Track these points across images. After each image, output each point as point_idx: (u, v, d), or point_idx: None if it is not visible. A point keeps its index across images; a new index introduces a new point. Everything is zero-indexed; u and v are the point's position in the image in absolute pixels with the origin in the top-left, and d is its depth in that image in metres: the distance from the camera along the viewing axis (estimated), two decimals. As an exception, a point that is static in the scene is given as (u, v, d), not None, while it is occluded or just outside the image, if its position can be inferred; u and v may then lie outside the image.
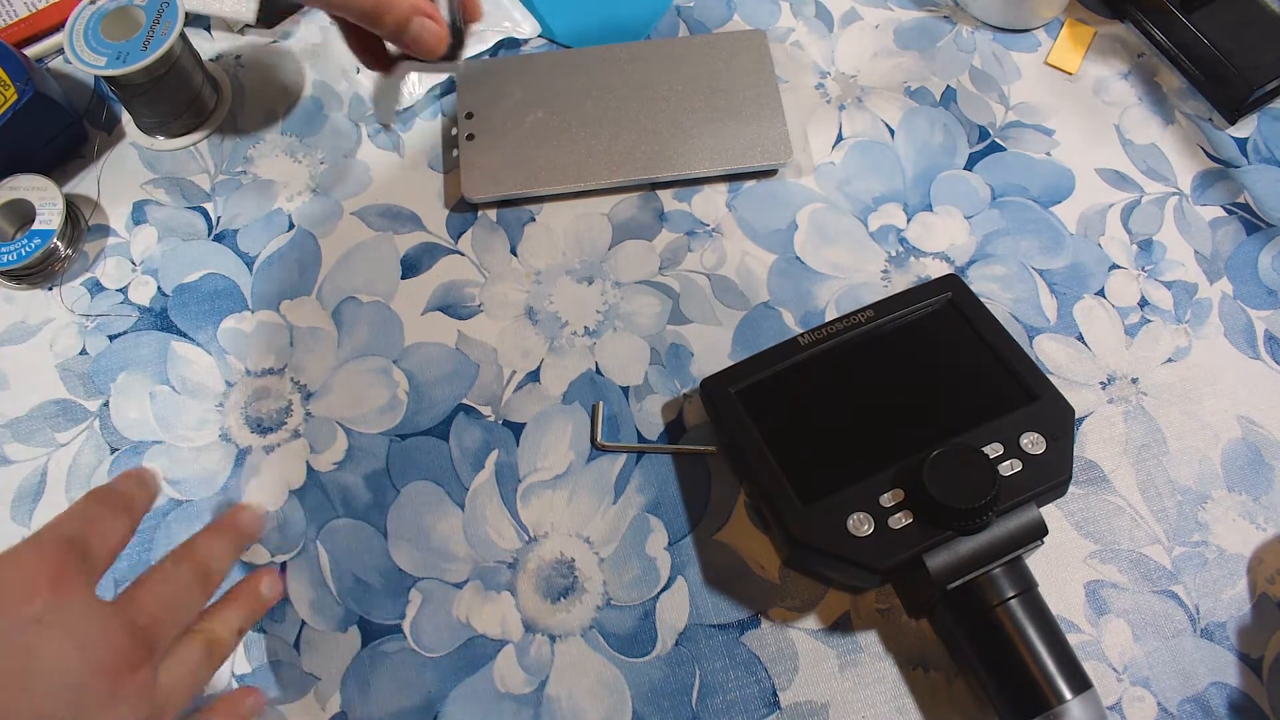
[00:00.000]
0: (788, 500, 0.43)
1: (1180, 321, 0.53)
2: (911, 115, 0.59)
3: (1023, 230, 0.55)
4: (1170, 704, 0.44)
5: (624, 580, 0.46)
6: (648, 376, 0.51)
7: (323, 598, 0.46)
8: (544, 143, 0.56)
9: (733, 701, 0.44)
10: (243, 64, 0.61)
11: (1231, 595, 0.46)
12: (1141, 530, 0.47)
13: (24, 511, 0.49)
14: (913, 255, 0.55)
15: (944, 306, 0.48)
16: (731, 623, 0.46)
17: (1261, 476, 0.49)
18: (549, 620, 0.46)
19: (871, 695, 0.44)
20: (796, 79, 0.60)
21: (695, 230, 0.55)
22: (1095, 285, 0.54)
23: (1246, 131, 0.59)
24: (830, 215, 0.56)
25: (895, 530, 0.41)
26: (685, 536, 0.47)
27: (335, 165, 0.57)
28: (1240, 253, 0.55)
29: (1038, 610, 0.41)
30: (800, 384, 0.46)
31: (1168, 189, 0.57)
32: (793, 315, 0.53)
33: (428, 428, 0.50)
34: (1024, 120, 0.59)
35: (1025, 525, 0.41)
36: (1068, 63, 0.61)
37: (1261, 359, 0.52)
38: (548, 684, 0.44)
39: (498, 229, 0.55)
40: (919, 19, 0.63)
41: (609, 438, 0.50)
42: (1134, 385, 0.51)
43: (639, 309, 0.53)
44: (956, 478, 0.40)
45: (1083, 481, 0.48)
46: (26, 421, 0.51)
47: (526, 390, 0.51)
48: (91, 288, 0.54)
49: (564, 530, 0.48)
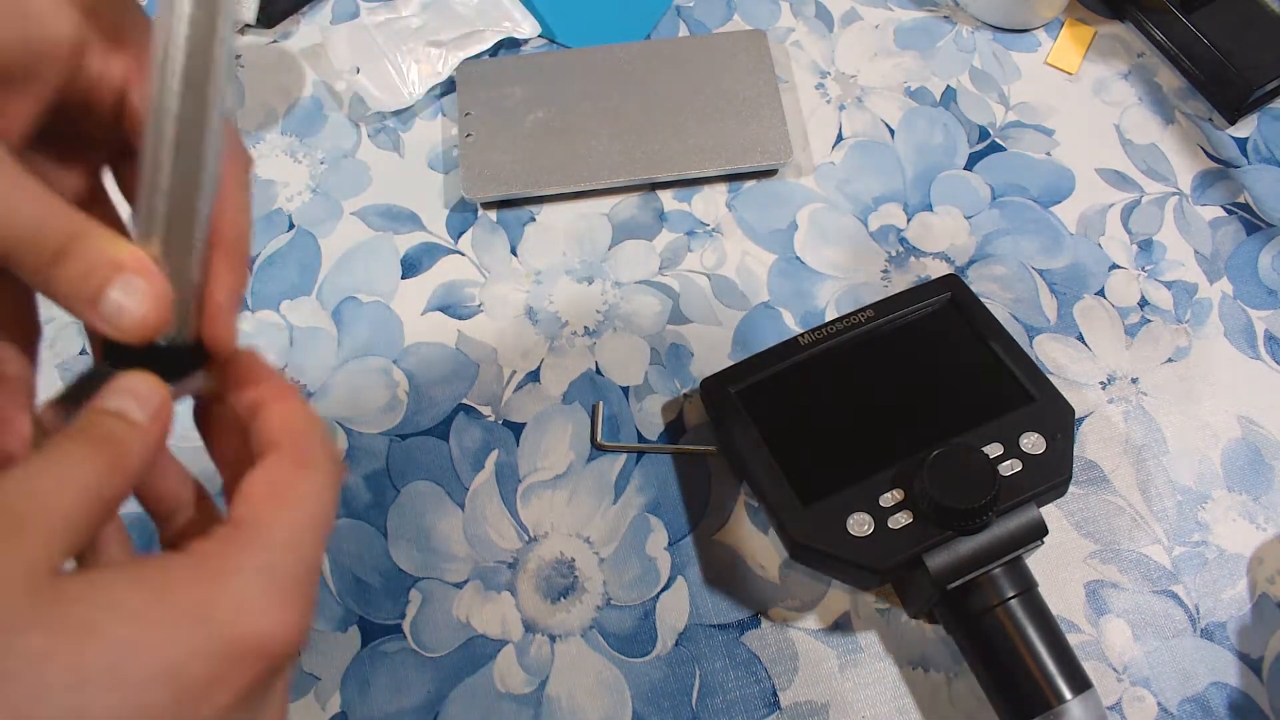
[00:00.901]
0: (788, 500, 0.42)
1: (1180, 321, 0.53)
2: (911, 115, 0.59)
3: (1023, 230, 0.55)
4: (1170, 704, 0.44)
5: (624, 580, 0.46)
6: (648, 376, 0.51)
7: (323, 597, 0.46)
8: (544, 143, 0.56)
9: (733, 701, 0.44)
10: (243, 64, 0.61)
11: (1231, 595, 0.46)
12: (1141, 530, 0.47)
13: (24, 511, 0.48)
14: (913, 255, 0.55)
15: (944, 306, 0.48)
16: (731, 623, 0.46)
17: (1261, 476, 0.49)
18: (549, 620, 0.46)
19: (871, 695, 0.44)
20: (796, 79, 0.60)
21: (695, 230, 0.55)
22: (1095, 285, 0.54)
23: (1246, 131, 0.59)
24: (830, 215, 0.56)
25: (895, 530, 0.41)
26: (685, 536, 0.47)
27: (335, 165, 0.57)
28: (1240, 253, 0.55)
29: (1038, 610, 0.40)
30: (800, 384, 0.46)
31: (1168, 189, 0.57)
32: (793, 315, 0.53)
33: (428, 428, 0.50)
34: (1024, 120, 0.59)
35: (1025, 525, 0.41)
36: (1068, 63, 0.61)
37: (1261, 359, 0.52)
38: (548, 684, 0.44)
39: (498, 229, 0.55)
40: (919, 19, 0.63)
41: (609, 438, 0.50)
42: (1134, 385, 0.51)
43: (639, 309, 0.53)
44: (956, 478, 0.40)
45: (1083, 481, 0.48)
46: (26, 421, 0.51)
47: (526, 390, 0.51)
48: (91, 288, 0.54)
49: (564, 530, 0.48)
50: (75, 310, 0.22)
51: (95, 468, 0.21)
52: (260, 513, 0.22)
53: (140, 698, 0.19)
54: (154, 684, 0.19)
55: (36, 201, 0.21)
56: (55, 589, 0.19)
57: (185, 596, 0.20)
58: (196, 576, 0.21)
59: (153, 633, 0.19)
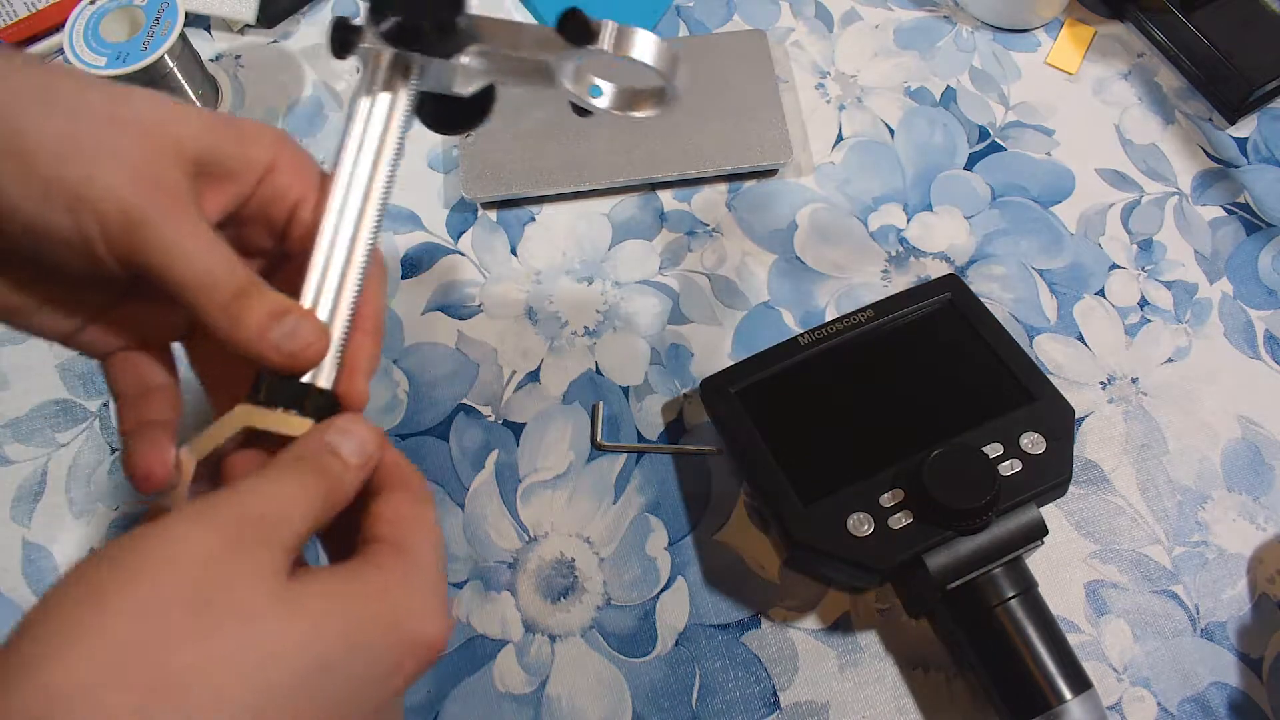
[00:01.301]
0: (788, 500, 0.42)
1: (1180, 321, 0.53)
2: (911, 115, 0.59)
3: (1023, 230, 0.55)
4: (1170, 704, 0.44)
5: (624, 580, 0.46)
6: (648, 376, 0.51)
7: (323, 598, 0.46)
8: (544, 143, 0.56)
9: (733, 701, 0.44)
10: (243, 64, 0.61)
11: (1231, 595, 0.46)
12: (1141, 530, 0.47)
13: (24, 511, 0.49)
14: (913, 255, 0.55)
15: (944, 306, 0.48)
16: (731, 623, 0.46)
17: (1261, 476, 0.49)
18: (549, 620, 0.46)
19: (871, 695, 0.44)
20: (796, 79, 0.60)
21: (695, 230, 0.55)
22: (1095, 285, 0.54)
23: (1246, 131, 0.59)
24: (830, 215, 0.56)
25: (895, 530, 0.41)
26: (685, 536, 0.47)
27: (335, 165, 0.57)
28: (1240, 253, 0.55)
29: (1038, 610, 0.41)
30: (800, 384, 0.46)
31: (1168, 189, 0.57)
32: (793, 315, 0.53)
33: (428, 428, 0.50)
34: (1024, 120, 0.59)
35: (1025, 525, 0.41)
36: (1068, 63, 0.61)
37: (1261, 359, 0.52)
38: (548, 684, 0.44)
39: (498, 229, 0.55)
40: (919, 19, 0.63)
41: (609, 438, 0.50)
42: (1134, 385, 0.51)
43: (639, 309, 0.53)
44: (956, 478, 0.40)
45: (1083, 481, 0.48)
46: (26, 421, 0.51)
47: (526, 390, 0.51)
48: (91, 288, 0.54)
49: (564, 530, 0.48)
50: (242, 338, 0.27)
51: (319, 494, 0.26)
52: (409, 538, 0.27)
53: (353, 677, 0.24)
54: (362, 667, 0.24)
55: (229, 256, 0.27)
56: (289, 589, 0.24)
57: (384, 603, 0.25)
58: (387, 586, 0.26)
59: (363, 628, 0.24)
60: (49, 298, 0.29)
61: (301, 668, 0.23)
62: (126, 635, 0.21)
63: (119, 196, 0.26)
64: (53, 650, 0.21)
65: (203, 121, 0.28)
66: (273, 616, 0.23)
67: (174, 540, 0.23)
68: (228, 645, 0.22)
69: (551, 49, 0.32)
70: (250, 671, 0.22)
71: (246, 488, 0.25)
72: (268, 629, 0.23)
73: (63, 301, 0.29)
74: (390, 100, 0.32)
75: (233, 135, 0.29)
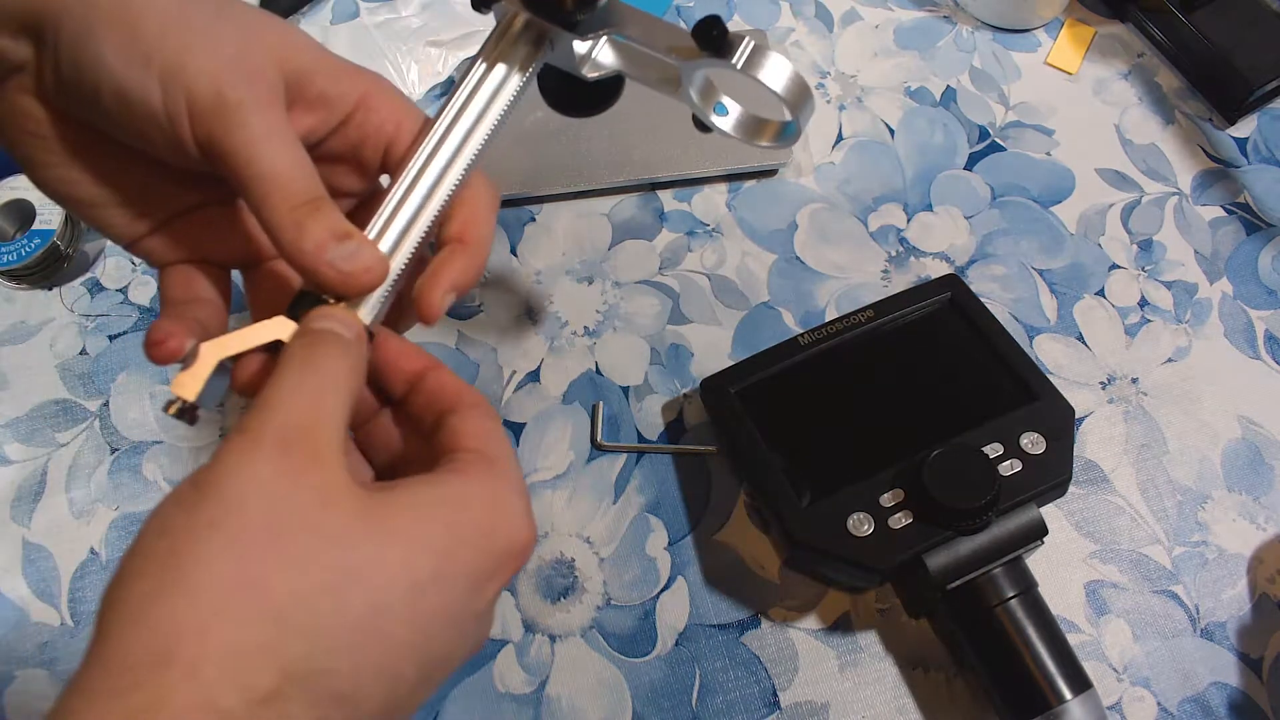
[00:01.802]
0: (788, 500, 0.43)
1: (1180, 321, 0.53)
2: (911, 115, 0.59)
3: (1023, 230, 0.55)
4: (1170, 704, 0.44)
5: (624, 580, 0.46)
6: (648, 376, 0.51)
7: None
8: (544, 143, 0.56)
9: (733, 701, 0.44)
10: (243, 64, 0.61)
11: (1231, 595, 0.46)
12: (1141, 530, 0.47)
13: (24, 511, 0.49)
14: (913, 255, 0.55)
15: (944, 306, 0.48)
16: (731, 623, 0.46)
17: (1261, 476, 0.49)
18: (549, 620, 0.46)
19: (871, 695, 0.44)
20: (796, 79, 0.60)
21: (695, 230, 0.55)
22: (1095, 285, 0.54)
23: (1246, 131, 0.59)
24: (830, 215, 0.56)
25: (895, 530, 0.41)
26: (685, 536, 0.47)
27: (335, 165, 0.57)
28: (1240, 253, 0.55)
29: (1038, 610, 0.41)
30: (800, 384, 0.46)
31: (1168, 189, 0.57)
32: (793, 315, 0.53)
33: (428, 428, 0.50)
34: (1024, 120, 0.59)
35: (1025, 525, 0.41)
36: (1068, 63, 0.61)
37: (1261, 359, 0.52)
38: (548, 684, 0.44)
39: (498, 229, 0.55)
40: (919, 19, 0.63)
41: (609, 438, 0.50)
42: (1134, 385, 0.51)
43: (639, 309, 0.53)
44: (956, 478, 0.40)
45: (1083, 481, 0.48)
46: (26, 421, 0.51)
47: (526, 390, 0.51)
48: (91, 288, 0.54)
49: (564, 530, 0.48)
50: (302, 247, 0.27)
51: (341, 376, 0.26)
52: (494, 448, 0.27)
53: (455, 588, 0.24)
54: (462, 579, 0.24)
55: (308, 163, 0.27)
56: (378, 505, 0.24)
57: (478, 511, 0.25)
58: (480, 495, 0.26)
59: (462, 540, 0.25)
60: (126, 195, 0.29)
61: (404, 587, 0.23)
62: (225, 574, 0.21)
63: (214, 75, 0.26)
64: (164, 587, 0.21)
65: (305, 41, 0.29)
66: (364, 538, 0.23)
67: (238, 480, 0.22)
68: (324, 573, 0.22)
69: (683, 53, 0.32)
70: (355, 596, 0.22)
71: (274, 401, 0.24)
72: (363, 554, 0.23)
73: (137, 201, 0.30)
74: (513, 64, 0.31)
75: (330, 64, 0.29)
